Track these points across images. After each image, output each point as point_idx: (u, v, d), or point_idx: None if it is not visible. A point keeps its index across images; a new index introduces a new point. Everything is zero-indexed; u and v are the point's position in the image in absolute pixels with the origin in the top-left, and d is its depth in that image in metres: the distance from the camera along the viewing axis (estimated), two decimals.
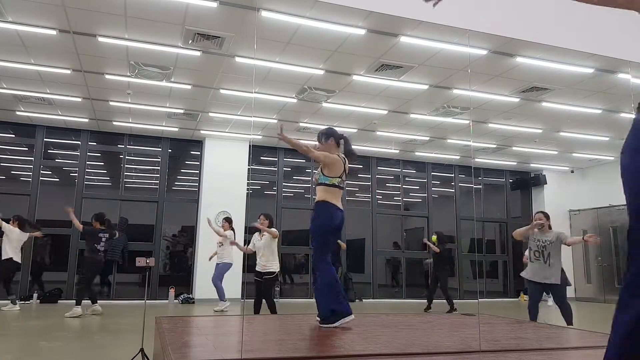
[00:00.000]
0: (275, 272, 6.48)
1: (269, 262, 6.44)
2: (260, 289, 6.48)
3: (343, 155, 4.02)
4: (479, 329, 3.47)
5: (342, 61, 6.91)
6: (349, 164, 4.03)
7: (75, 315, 7.49)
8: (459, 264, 13.04)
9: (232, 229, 8.67)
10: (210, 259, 9.07)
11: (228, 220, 8.82)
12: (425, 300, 9.80)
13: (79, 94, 8.45)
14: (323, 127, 4.22)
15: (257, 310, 6.50)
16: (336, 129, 4.15)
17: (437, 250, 9.48)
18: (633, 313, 1.20)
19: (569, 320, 5.89)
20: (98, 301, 8.15)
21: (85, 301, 7.90)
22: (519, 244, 13.49)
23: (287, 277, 12.37)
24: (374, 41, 6.26)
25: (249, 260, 7.03)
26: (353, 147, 4.21)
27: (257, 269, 6.52)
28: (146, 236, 10.74)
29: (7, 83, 7.99)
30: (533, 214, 6.70)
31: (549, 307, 8.84)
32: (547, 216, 6.13)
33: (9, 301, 8.27)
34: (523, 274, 6.15)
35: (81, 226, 8.07)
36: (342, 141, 4.07)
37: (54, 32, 6.13)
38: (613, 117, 9.06)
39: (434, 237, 9.79)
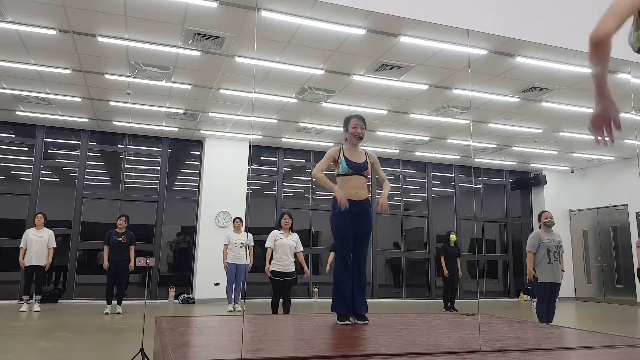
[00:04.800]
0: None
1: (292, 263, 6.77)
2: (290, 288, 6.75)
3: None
4: (479, 329, 3.47)
5: (342, 61, 6.91)
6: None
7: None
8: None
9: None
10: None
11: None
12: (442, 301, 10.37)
13: (79, 94, 8.45)
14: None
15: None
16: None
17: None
18: None
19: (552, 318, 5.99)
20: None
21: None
22: (519, 244, 13.50)
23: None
24: (374, 41, 6.26)
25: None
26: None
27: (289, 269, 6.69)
28: (146, 236, 10.73)
29: (7, 83, 7.99)
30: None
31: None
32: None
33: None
34: (542, 279, 5.85)
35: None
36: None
37: (54, 32, 6.13)
38: None
39: (454, 237, 10.05)
